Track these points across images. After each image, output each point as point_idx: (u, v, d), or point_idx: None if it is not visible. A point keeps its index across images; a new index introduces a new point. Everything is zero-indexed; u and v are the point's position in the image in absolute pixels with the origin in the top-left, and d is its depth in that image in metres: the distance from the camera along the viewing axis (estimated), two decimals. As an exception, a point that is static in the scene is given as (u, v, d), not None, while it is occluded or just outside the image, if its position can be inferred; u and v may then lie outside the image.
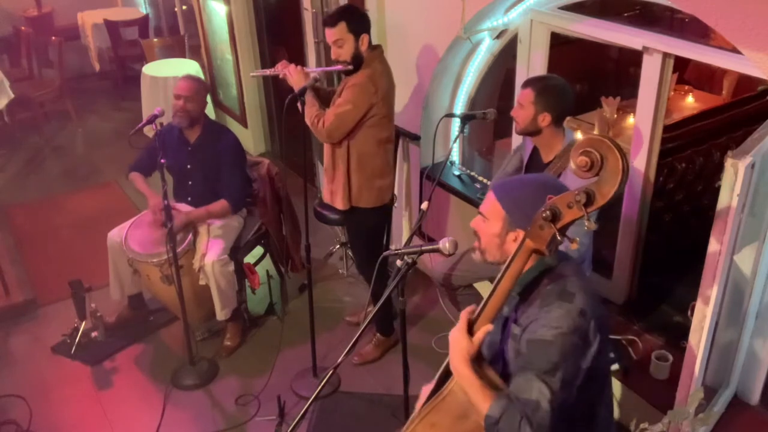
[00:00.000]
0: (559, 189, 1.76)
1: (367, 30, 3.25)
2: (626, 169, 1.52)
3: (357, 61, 3.24)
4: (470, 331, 1.78)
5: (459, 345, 1.76)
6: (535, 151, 3.03)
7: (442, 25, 3.65)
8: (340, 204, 3.48)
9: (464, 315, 1.80)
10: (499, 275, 1.74)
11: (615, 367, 3.21)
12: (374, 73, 3.27)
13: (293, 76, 3.29)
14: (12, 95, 6.04)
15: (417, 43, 3.88)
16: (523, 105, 2.85)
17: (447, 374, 1.90)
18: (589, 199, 1.56)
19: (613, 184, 1.54)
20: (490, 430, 1.68)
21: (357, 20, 3.22)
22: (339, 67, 3.27)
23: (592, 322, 1.74)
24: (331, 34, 3.21)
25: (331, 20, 3.20)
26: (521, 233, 1.78)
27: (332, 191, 3.50)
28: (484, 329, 1.75)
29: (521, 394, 1.68)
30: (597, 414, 1.91)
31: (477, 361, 1.78)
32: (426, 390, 2.03)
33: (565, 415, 1.70)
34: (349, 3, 3.39)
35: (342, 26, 3.17)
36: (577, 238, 1.62)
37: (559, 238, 1.62)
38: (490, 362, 1.88)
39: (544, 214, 1.61)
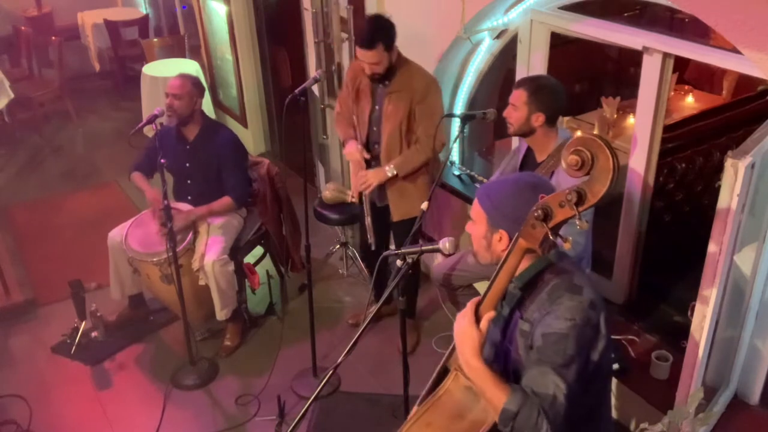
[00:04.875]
0: (537, 186, 1.77)
1: (396, 37, 3.27)
2: (616, 168, 1.53)
3: (390, 70, 3.29)
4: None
5: (468, 335, 1.73)
6: (528, 151, 3.03)
7: (442, 25, 3.65)
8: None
9: (471, 304, 1.78)
10: (494, 274, 1.75)
11: (615, 367, 3.21)
12: (420, 68, 3.39)
13: (373, 180, 3.43)
14: (12, 95, 6.03)
15: (417, 43, 3.87)
16: (516, 106, 2.84)
17: (442, 373, 1.90)
18: (581, 198, 1.57)
19: (604, 182, 1.54)
20: (505, 423, 1.66)
21: (391, 36, 3.22)
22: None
23: (602, 314, 1.75)
24: (368, 56, 3.20)
25: (367, 43, 3.18)
26: (504, 234, 1.80)
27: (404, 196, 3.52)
28: (487, 317, 1.74)
29: (537, 388, 1.67)
30: (599, 413, 1.91)
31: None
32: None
33: (569, 416, 1.70)
34: (377, 17, 3.26)
35: (380, 48, 3.18)
36: (570, 238, 1.63)
37: (551, 237, 1.62)
38: (490, 363, 1.88)
39: (535, 213, 1.62)
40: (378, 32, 3.19)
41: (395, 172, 3.41)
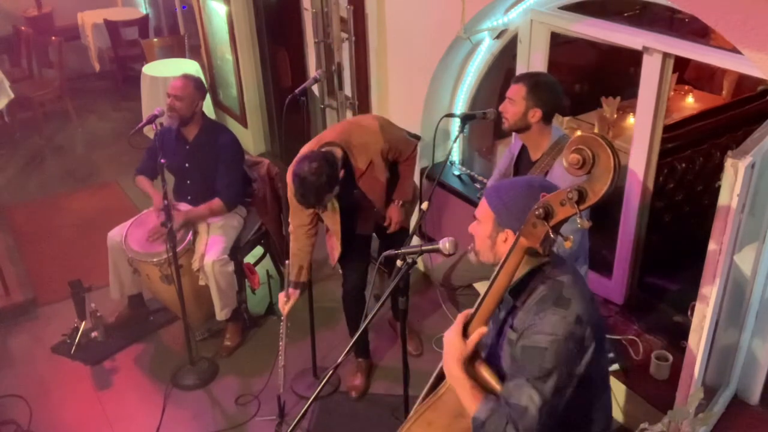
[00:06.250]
0: (546, 188, 1.76)
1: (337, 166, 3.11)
2: (617, 167, 1.53)
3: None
4: (465, 333, 1.79)
5: (452, 346, 1.78)
6: (523, 149, 3.02)
7: (442, 25, 3.65)
8: None
9: (460, 317, 1.82)
10: (494, 274, 1.75)
11: (615, 367, 3.21)
12: (360, 126, 3.29)
13: (398, 219, 3.41)
14: (12, 95, 6.03)
15: (417, 43, 3.88)
16: (514, 100, 2.84)
17: (444, 373, 1.90)
18: (582, 197, 1.57)
19: (605, 181, 1.55)
20: (476, 430, 1.71)
21: (334, 181, 3.04)
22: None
23: (588, 329, 1.74)
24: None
25: (317, 205, 3.10)
26: (510, 233, 1.80)
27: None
28: (478, 332, 1.76)
29: (511, 399, 1.69)
30: (593, 419, 1.91)
31: (472, 362, 1.78)
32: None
33: (559, 420, 1.70)
34: (306, 179, 2.96)
35: (328, 196, 3.09)
36: (571, 237, 1.63)
37: (552, 235, 1.63)
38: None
39: (537, 212, 1.62)
40: (320, 193, 3.01)
41: (408, 199, 3.44)
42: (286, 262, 3.32)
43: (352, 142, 3.18)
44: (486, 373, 1.79)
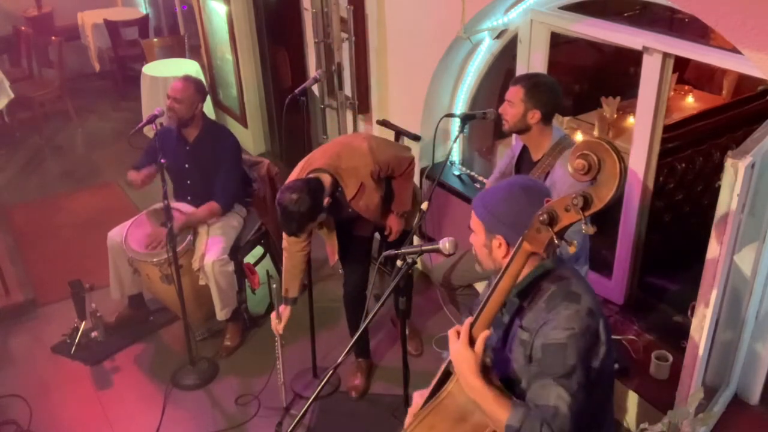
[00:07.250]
0: (530, 189, 1.76)
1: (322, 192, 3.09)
2: (623, 173, 1.52)
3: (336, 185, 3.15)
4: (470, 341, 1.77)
5: (463, 357, 1.73)
6: (524, 150, 3.02)
7: (442, 25, 3.65)
8: None
9: (466, 327, 1.78)
10: (497, 277, 1.74)
11: (615, 366, 3.21)
12: (349, 148, 3.24)
13: (398, 229, 3.40)
14: (12, 95, 6.03)
15: (417, 43, 3.88)
16: (513, 102, 2.84)
17: (445, 376, 1.90)
18: (587, 203, 1.57)
19: (611, 187, 1.54)
20: None
21: (317, 207, 3.01)
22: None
23: (601, 321, 1.74)
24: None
25: (299, 233, 3.09)
26: (502, 239, 1.80)
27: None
28: (482, 336, 1.73)
29: (539, 401, 1.66)
30: (602, 417, 1.90)
31: (486, 371, 1.75)
32: (417, 395, 2.02)
33: (576, 422, 1.69)
34: (287, 208, 2.95)
35: (312, 223, 3.07)
36: (575, 241, 1.62)
37: (556, 241, 1.62)
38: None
39: (541, 218, 1.61)
40: (301, 223, 3.00)
41: (407, 209, 3.42)
42: (274, 285, 3.30)
43: (341, 166, 3.13)
44: (495, 381, 1.76)
